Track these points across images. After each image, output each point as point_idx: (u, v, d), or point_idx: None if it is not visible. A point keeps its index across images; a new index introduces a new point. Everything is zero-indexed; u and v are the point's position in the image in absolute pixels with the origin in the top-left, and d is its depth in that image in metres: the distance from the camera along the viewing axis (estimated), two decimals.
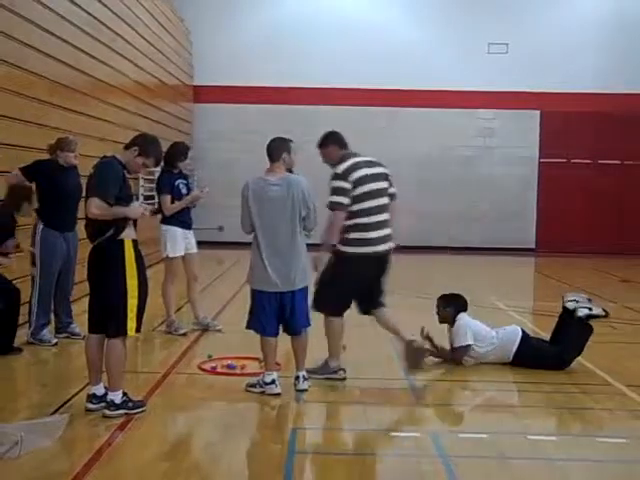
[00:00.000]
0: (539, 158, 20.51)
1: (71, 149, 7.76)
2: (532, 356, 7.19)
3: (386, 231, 6.63)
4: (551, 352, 7.22)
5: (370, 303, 6.82)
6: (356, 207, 6.45)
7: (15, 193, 7.38)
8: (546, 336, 7.67)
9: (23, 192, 7.41)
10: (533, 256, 19.78)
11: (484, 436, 5.47)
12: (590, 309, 7.31)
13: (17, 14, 8.51)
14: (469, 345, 7.19)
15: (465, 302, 7.46)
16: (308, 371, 6.42)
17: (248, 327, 6.30)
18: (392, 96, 19.81)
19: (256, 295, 6.21)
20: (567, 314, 7.40)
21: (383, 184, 6.65)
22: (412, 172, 20.07)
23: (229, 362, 7.01)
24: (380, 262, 6.69)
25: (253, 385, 6.24)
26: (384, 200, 6.64)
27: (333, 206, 6.44)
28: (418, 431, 5.49)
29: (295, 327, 6.23)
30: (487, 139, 20.47)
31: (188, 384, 6.63)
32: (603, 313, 7.37)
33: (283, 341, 6.34)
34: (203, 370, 6.91)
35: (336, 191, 6.45)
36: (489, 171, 20.39)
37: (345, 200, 6.42)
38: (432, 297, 7.76)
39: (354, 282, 6.64)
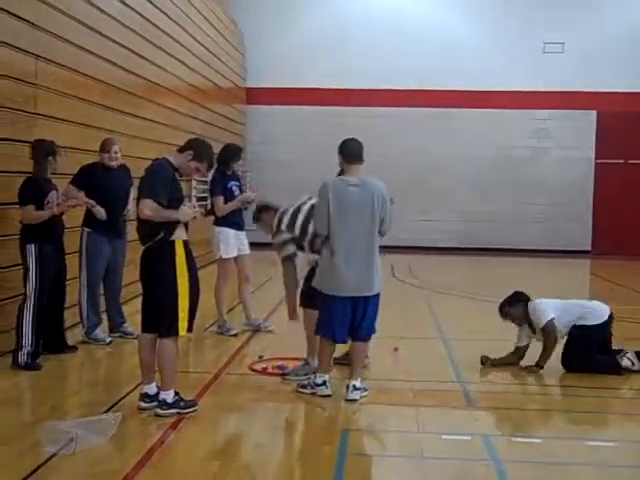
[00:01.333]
0: (595, 159, 20.13)
1: (105, 149, 7.74)
2: (582, 339, 7.00)
3: None
4: (605, 358, 7.06)
5: None
6: None
7: (38, 149, 6.99)
8: None
9: (45, 147, 7.01)
10: (588, 258, 19.41)
11: (538, 440, 5.38)
12: (633, 364, 7.05)
13: (73, 18, 8.65)
14: (553, 318, 7.03)
15: (524, 293, 7.35)
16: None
17: (317, 333, 6.22)
18: (445, 97, 19.63)
19: (329, 300, 6.03)
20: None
21: None
22: (466, 173, 19.94)
23: (280, 363, 7.01)
24: None
25: (304, 386, 6.21)
26: None
27: None
28: (471, 434, 5.40)
29: (364, 333, 6.10)
30: (542, 140, 20.17)
31: (239, 384, 6.64)
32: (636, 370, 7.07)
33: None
34: (254, 371, 6.92)
35: None
36: (544, 172, 20.06)
37: None
38: (487, 300, 7.64)
39: None
